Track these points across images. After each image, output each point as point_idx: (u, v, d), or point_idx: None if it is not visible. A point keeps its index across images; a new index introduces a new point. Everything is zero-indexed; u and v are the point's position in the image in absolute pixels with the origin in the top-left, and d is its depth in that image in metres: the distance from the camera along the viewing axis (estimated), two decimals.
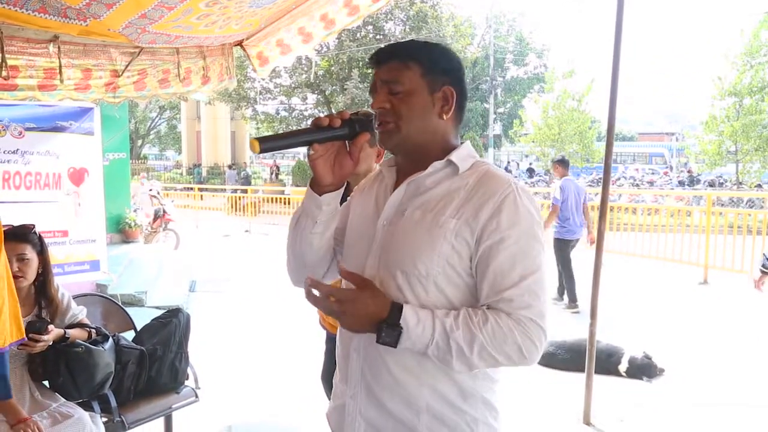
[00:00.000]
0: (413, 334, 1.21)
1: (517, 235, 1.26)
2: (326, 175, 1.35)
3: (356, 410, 1.37)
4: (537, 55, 34.51)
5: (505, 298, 1.24)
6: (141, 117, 39.44)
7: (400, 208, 1.37)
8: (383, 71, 1.37)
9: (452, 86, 1.36)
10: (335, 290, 1.27)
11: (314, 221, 1.39)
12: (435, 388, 1.31)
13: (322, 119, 1.31)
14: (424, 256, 1.28)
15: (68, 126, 5.34)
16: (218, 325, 6.37)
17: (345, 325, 1.26)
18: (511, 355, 1.23)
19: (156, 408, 3.00)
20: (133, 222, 10.99)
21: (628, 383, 4.65)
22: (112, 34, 3.12)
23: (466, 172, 1.34)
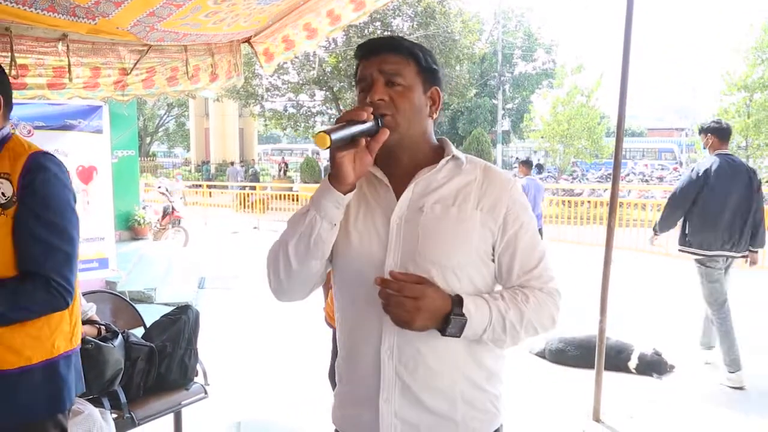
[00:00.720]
0: (475, 321, 1.27)
1: (529, 219, 1.39)
2: (350, 173, 1.28)
3: (391, 413, 1.35)
4: (545, 50, 34.38)
5: (535, 275, 1.38)
6: (149, 114, 39.61)
7: (414, 205, 1.36)
8: (379, 62, 1.35)
9: (438, 86, 1.42)
10: (408, 288, 1.24)
11: (332, 223, 1.32)
12: (467, 376, 1.36)
13: (361, 113, 1.27)
14: (460, 247, 1.33)
15: (77, 124, 5.37)
16: (227, 321, 6.40)
17: (416, 322, 1.24)
18: (545, 324, 1.37)
19: (165, 404, 3.01)
20: (142, 219, 11.05)
21: (638, 380, 4.64)
22: (121, 33, 3.13)
23: (468, 167, 1.40)
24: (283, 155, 37.92)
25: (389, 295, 1.24)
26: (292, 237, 1.35)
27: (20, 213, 1.63)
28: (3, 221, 1.62)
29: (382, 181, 1.40)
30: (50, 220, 1.67)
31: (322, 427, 3.66)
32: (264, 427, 3.83)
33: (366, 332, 1.37)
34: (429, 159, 1.40)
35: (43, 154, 1.70)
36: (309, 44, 3.62)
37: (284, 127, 28.95)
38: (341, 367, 1.48)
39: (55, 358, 1.74)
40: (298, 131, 28.41)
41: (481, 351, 1.37)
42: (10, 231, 1.63)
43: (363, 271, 1.36)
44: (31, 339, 1.68)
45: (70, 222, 1.72)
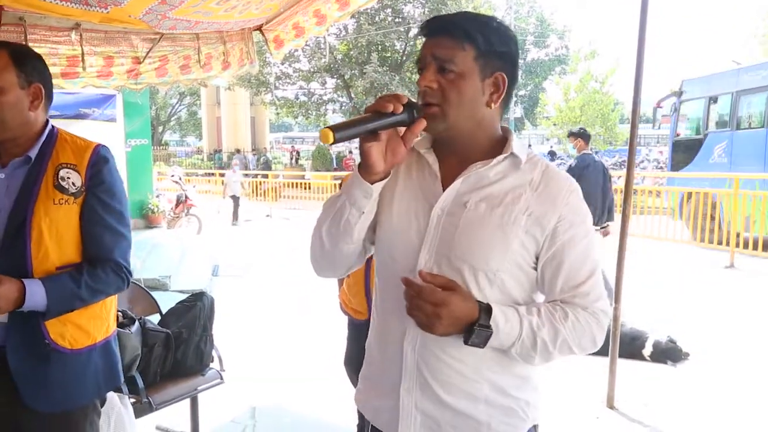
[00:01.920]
0: (502, 334, 1.21)
1: (584, 231, 1.29)
2: (378, 163, 1.25)
3: (411, 404, 1.32)
4: (558, 36, 34.01)
5: (581, 293, 1.28)
6: (162, 103, 39.76)
7: (459, 199, 1.29)
8: (433, 44, 1.27)
9: (505, 71, 1.28)
10: (429, 292, 1.20)
11: (360, 211, 1.30)
12: (494, 382, 1.31)
13: (386, 105, 1.21)
14: (497, 252, 1.25)
15: (91, 113, 5.42)
16: (241, 309, 6.45)
17: (436, 328, 1.20)
18: (585, 346, 1.29)
19: (182, 390, 3.04)
20: (156, 207, 11.12)
21: (653, 367, 4.62)
22: (133, 21, 3.13)
23: (526, 166, 1.30)
24: (294, 143, 37.97)
25: (411, 297, 1.21)
26: (325, 220, 1.36)
27: (89, 202, 1.71)
28: (74, 210, 1.70)
29: (432, 168, 1.34)
30: (116, 208, 1.76)
31: (336, 413, 3.70)
32: (278, 413, 3.87)
33: (394, 319, 1.35)
34: (485, 152, 1.31)
35: (103, 146, 1.79)
36: (318, 30, 3.60)
37: (296, 115, 28.98)
38: (371, 347, 1.46)
39: (109, 336, 1.85)
40: (309, 119, 28.43)
41: (510, 358, 1.30)
42: (78, 218, 1.71)
43: (397, 257, 1.34)
44: (94, 319, 1.78)
45: (127, 209, 1.83)
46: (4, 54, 1.67)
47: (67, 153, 1.73)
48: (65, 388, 1.72)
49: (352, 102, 25.82)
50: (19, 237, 1.63)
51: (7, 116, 1.66)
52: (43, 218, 1.65)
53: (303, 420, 3.76)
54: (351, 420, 3.10)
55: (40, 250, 1.64)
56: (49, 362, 1.68)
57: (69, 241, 1.70)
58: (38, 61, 1.76)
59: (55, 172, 1.69)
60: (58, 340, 1.68)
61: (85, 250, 1.73)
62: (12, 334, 1.65)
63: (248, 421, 3.73)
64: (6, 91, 1.65)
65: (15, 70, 1.67)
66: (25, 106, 1.70)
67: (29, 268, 1.64)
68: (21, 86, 1.68)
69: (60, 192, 1.67)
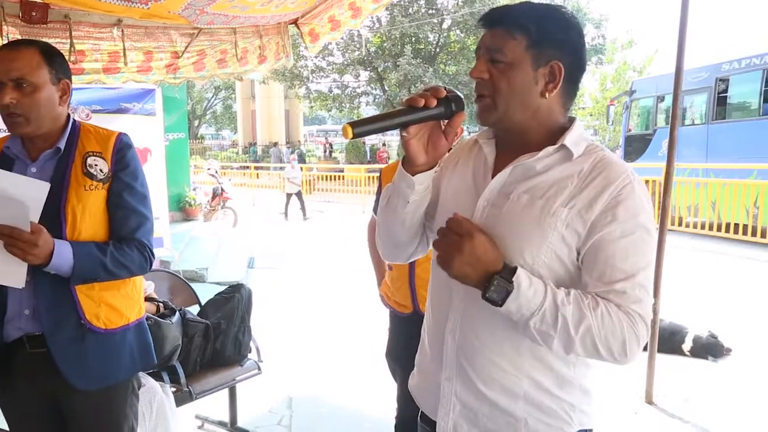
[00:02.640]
0: (523, 296, 1.15)
1: (633, 227, 1.19)
2: (419, 155, 1.27)
3: (451, 392, 1.33)
4: (595, 25, 33.29)
5: (617, 290, 1.18)
6: (197, 97, 40.29)
7: (504, 190, 1.28)
8: (488, 36, 1.26)
9: (562, 60, 1.24)
10: (457, 222, 1.19)
11: (406, 201, 1.33)
12: (533, 378, 1.27)
13: (417, 99, 1.21)
14: (532, 245, 1.21)
15: (131, 107, 5.52)
16: (277, 300, 6.53)
17: (455, 264, 1.17)
18: (613, 349, 1.18)
19: (221, 379, 3.10)
20: (193, 200, 11.30)
21: (693, 363, 4.54)
22: (172, 16, 3.19)
23: (579, 158, 1.25)
24: (327, 136, 38.13)
25: (441, 230, 1.20)
26: (381, 210, 1.42)
27: (115, 186, 1.80)
28: (102, 195, 1.78)
29: (487, 159, 1.35)
30: (139, 191, 1.85)
31: (372, 404, 3.73)
32: (315, 403, 3.91)
33: (439, 308, 1.37)
34: (542, 143, 1.27)
35: (125, 134, 1.87)
36: (353, 23, 3.61)
37: (329, 108, 29.07)
38: (423, 335, 1.47)
39: (141, 318, 1.93)
40: (343, 112, 28.48)
41: (548, 353, 1.25)
42: (105, 202, 1.79)
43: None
44: (127, 300, 1.86)
45: (149, 192, 1.91)
46: (36, 52, 1.73)
47: (92, 142, 1.81)
48: (102, 366, 1.79)
49: (386, 95, 25.78)
50: (54, 223, 1.70)
51: (42, 111, 1.73)
52: (76, 204, 1.73)
53: (339, 411, 3.80)
54: (387, 411, 3.12)
55: (73, 234, 1.72)
56: (84, 341, 1.76)
57: (100, 224, 1.79)
58: (63, 59, 1.83)
59: (83, 161, 1.77)
60: (93, 320, 1.76)
61: (112, 231, 1.81)
62: (49, 318, 1.72)
63: (285, 411, 3.78)
64: (41, 87, 1.71)
65: (47, 67, 1.74)
66: (56, 101, 1.77)
67: None
68: (52, 82, 1.75)
69: (89, 178, 1.76)
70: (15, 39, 2.84)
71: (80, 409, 1.81)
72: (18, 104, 1.68)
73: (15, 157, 1.78)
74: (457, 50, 25.80)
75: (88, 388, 1.77)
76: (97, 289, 1.77)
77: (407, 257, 1.52)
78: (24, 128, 1.72)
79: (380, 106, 26.96)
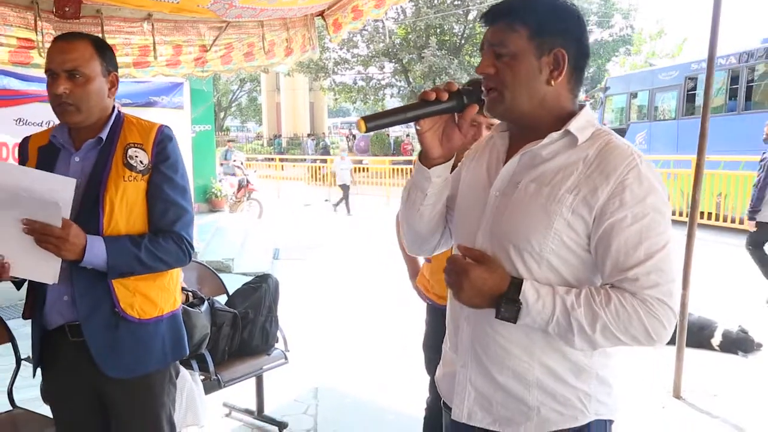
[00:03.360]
0: (533, 310, 1.19)
1: (642, 211, 1.19)
2: (434, 148, 1.32)
3: (466, 379, 1.36)
4: (623, 15, 32.80)
5: (629, 278, 1.18)
6: (223, 89, 40.58)
7: (513, 179, 1.31)
8: (489, 32, 1.30)
9: (565, 48, 1.25)
10: (454, 261, 1.26)
11: (424, 193, 1.37)
12: (546, 365, 1.29)
13: (429, 93, 1.27)
14: (538, 232, 1.23)
15: (160, 101, 5.60)
16: (303, 291, 6.58)
17: (462, 299, 1.24)
18: (637, 336, 1.18)
19: (249, 368, 3.15)
20: (218, 192, 11.42)
21: (722, 358, 4.48)
22: (201, 10, 3.22)
23: (585, 143, 1.26)
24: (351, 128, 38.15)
25: (444, 268, 1.27)
26: (402, 201, 1.46)
27: (155, 178, 1.83)
28: (141, 186, 1.81)
29: (500, 150, 1.38)
30: (179, 183, 1.88)
31: (398, 395, 3.75)
32: (340, 394, 3.94)
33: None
34: (552, 130, 1.28)
35: (166, 126, 1.90)
36: (376, 12, 3.60)
37: (353, 100, 29.11)
38: (446, 324, 1.51)
39: (176, 309, 1.95)
40: (367, 104, 28.48)
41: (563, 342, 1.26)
42: (145, 193, 1.82)
43: (460, 237, 1.40)
44: (162, 291, 1.88)
45: (189, 185, 1.95)
46: (89, 45, 1.78)
47: (134, 133, 1.84)
48: (133, 355, 1.83)
49: (410, 86, 25.72)
50: (93, 211, 1.75)
51: (92, 102, 1.78)
52: (115, 194, 1.76)
53: (364, 402, 3.83)
54: (411, 402, 3.14)
55: (110, 223, 1.76)
56: (118, 330, 1.79)
57: (137, 215, 1.82)
58: (113, 52, 1.88)
59: (124, 152, 1.80)
60: (127, 309, 1.79)
61: (150, 223, 1.84)
62: (85, 306, 1.76)
63: (311, 401, 3.82)
64: (93, 78, 1.77)
65: (99, 60, 1.79)
66: (105, 93, 1.82)
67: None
68: (103, 74, 1.81)
69: (129, 169, 1.79)
70: (49, 34, 2.90)
71: (118, 397, 1.85)
72: (70, 94, 1.72)
73: (61, 146, 1.82)
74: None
75: (119, 376, 1.81)
76: (133, 279, 1.80)
77: (431, 250, 1.54)
78: (75, 117, 1.76)
79: (404, 98, 26.92)
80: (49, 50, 1.78)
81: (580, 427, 1.31)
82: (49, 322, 1.80)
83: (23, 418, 2.54)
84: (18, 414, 2.55)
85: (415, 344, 2.70)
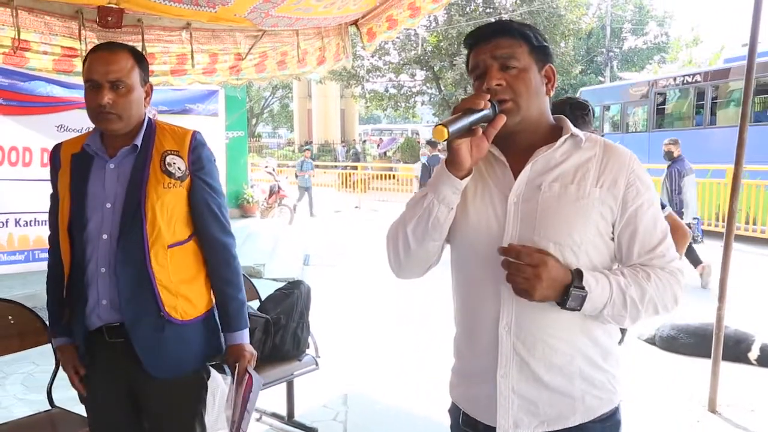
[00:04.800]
0: (595, 295, 1.27)
1: (651, 197, 1.36)
2: (467, 159, 1.31)
3: (509, 388, 1.36)
4: (658, 23, 32.39)
5: (657, 254, 1.35)
6: (256, 96, 41.08)
7: (532, 183, 1.35)
8: (492, 47, 1.35)
9: (551, 63, 1.41)
10: (528, 253, 1.25)
11: (449, 207, 1.35)
12: (584, 353, 1.36)
13: (479, 102, 1.28)
14: (579, 225, 1.32)
15: (195, 108, 5.70)
16: (333, 297, 6.61)
17: (536, 290, 1.24)
18: (668, 305, 1.35)
19: (280, 374, 3.17)
20: (250, 198, 11.55)
21: (760, 372, 4.37)
22: (238, 20, 3.28)
23: (587, 144, 1.38)
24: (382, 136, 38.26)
25: (510, 263, 1.26)
26: (410, 220, 1.39)
27: (195, 184, 1.89)
28: (181, 192, 1.87)
29: (500, 160, 1.40)
30: (216, 187, 1.95)
31: (426, 403, 3.74)
32: (370, 401, 3.95)
33: (484, 309, 1.38)
34: (546, 137, 1.39)
35: (198, 132, 1.96)
36: (411, 22, 3.63)
37: (385, 107, 29.19)
38: (459, 343, 1.50)
39: (211, 309, 2.00)
40: (398, 112, 28.55)
41: (595, 328, 1.36)
42: (185, 199, 1.89)
43: (480, 250, 1.38)
44: (200, 292, 1.94)
45: (221, 187, 2.02)
46: (129, 56, 1.84)
47: (168, 140, 1.88)
48: (179, 355, 1.88)
49: (442, 94, 25.71)
50: (136, 219, 1.79)
51: (132, 110, 1.83)
52: (156, 201, 1.81)
53: (394, 408, 3.83)
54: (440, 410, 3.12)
55: (154, 231, 1.81)
56: (163, 332, 1.84)
57: (178, 221, 1.87)
58: (147, 63, 1.94)
59: (161, 159, 1.85)
60: (171, 312, 1.84)
61: (200, 232, 1.92)
62: (129, 309, 1.81)
63: (340, 408, 3.83)
64: (133, 88, 1.82)
65: (138, 70, 1.85)
66: (143, 102, 1.88)
67: (146, 247, 1.80)
68: (141, 84, 1.87)
69: (168, 177, 1.84)
70: (91, 43, 2.99)
71: (155, 397, 1.90)
72: (114, 104, 1.78)
73: (95, 153, 1.87)
74: None
75: (165, 376, 1.85)
76: (176, 282, 1.85)
77: (426, 271, 1.50)
78: (116, 124, 1.81)
79: (436, 105, 26.90)
80: (90, 60, 1.82)
81: (613, 409, 1.41)
82: (90, 324, 1.85)
83: (61, 417, 2.60)
84: (56, 413, 2.62)
85: (446, 351, 2.70)
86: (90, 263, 1.82)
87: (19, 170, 4.70)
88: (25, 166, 4.73)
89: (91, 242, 1.81)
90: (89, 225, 1.81)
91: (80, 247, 1.82)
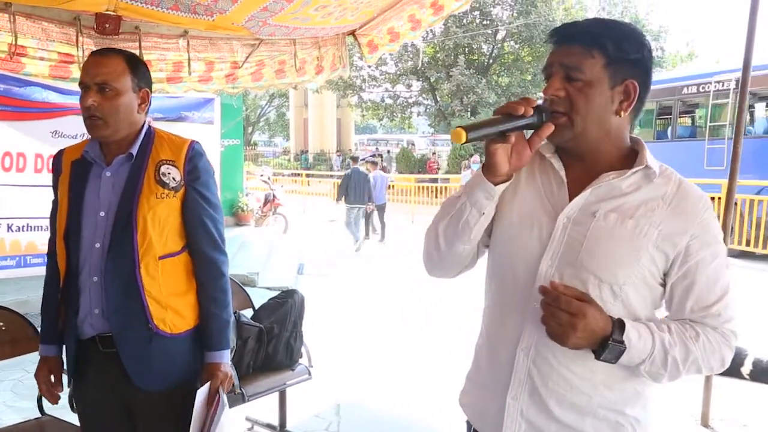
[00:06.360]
0: (634, 350, 1.19)
1: (717, 250, 1.25)
2: (504, 165, 1.25)
3: (517, 411, 1.30)
4: (653, 38, 32.51)
5: (713, 313, 1.25)
6: (252, 105, 41.14)
7: (587, 208, 1.27)
8: (562, 53, 1.25)
9: (636, 78, 1.25)
10: (567, 302, 1.17)
11: (481, 212, 1.29)
12: (604, 395, 1.27)
13: (518, 107, 1.21)
14: (626, 264, 1.22)
15: (190, 116, 5.71)
16: (326, 307, 6.59)
17: (569, 339, 1.17)
18: (713, 366, 1.26)
19: (272, 383, 3.15)
20: (245, 206, 11.54)
21: (753, 387, 4.37)
22: (236, 28, 3.29)
23: (660, 179, 1.26)
24: (378, 145, 38.33)
25: (547, 305, 1.18)
26: (442, 220, 1.36)
27: (189, 195, 1.86)
28: (174, 203, 1.84)
29: (558, 174, 1.32)
30: (211, 200, 1.92)
31: (419, 412, 3.73)
32: (363, 411, 3.93)
33: (508, 324, 1.33)
34: (614, 161, 1.28)
35: (197, 142, 1.93)
36: (413, 35, 3.64)
37: (381, 117, 29.29)
38: (480, 350, 1.44)
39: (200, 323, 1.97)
40: (394, 121, 28.65)
41: (625, 372, 1.26)
42: (178, 210, 1.86)
43: (515, 263, 1.32)
44: (191, 306, 1.91)
45: (218, 200, 1.99)
46: (121, 60, 1.82)
47: (165, 150, 1.86)
48: (166, 368, 1.86)
49: (438, 105, 25.81)
50: (127, 229, 1.78)
51: (120, 116, 1.81)
52: (147, 211, 1.79)
53: (386, 418, 3.81)
54: (433, 419, 3.12)
55: (144, 241, 1.79)
56: (151, 344, 1.82)
57: (170, 232, 1.84)
58: (147, 69, 1.92)
59: (156, 168, 1.82)
60: (159, 324, 1.82)
61: (191, 244, 1.88)
62: (118, 320, 1.79)
63: (333, 417, 3.81)
64: (122, 93, 1.80)
65: (130, 75, 1.83)
66: (135, 108, 1.86)
67: (136, 257, 1.78)
68: (133, 90, 1.84)
69: (161, 187, 1.81)
70: (88, 49, 2.98)
71: (146, 407, 1.88)
72: (99, 107, 1.76)
73: (93, 161, 1.86)
74: (510, 61, 25.64)
75: (153, 388, 1.83)
76: (166, 294, 1.83)
77: (458, 273, 1.47)
78: (102, 131, 1.80)
79: (431, 116, 27.00)
80: (84, 64, 1.84)
81: None
82: (83, 332, 1.84)
83: (51, 425, 2.57)
84: (46, 421, 2.59)
85: (439, 361, 2.69)
86: (83, 271, 1.81)
87: (13, 176, 4.69)
88: (18, 171, 4.72)
89: (84, 250, 1.80)
90: (83, 233, 1.80)
91: (75, 254, 1.81)
